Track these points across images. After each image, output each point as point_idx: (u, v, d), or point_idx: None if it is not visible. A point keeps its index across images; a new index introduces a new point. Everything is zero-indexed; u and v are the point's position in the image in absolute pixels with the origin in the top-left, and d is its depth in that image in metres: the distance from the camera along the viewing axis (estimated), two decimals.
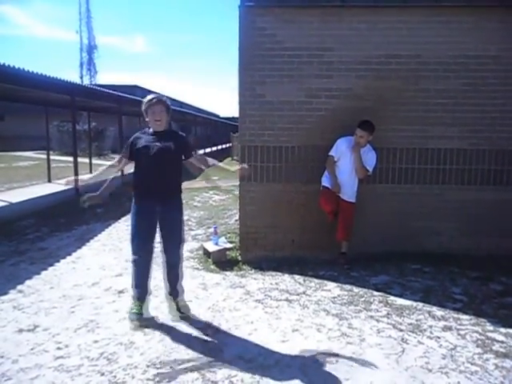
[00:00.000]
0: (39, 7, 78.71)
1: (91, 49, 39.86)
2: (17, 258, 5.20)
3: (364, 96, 4.89)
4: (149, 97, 3.38)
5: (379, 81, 4.89)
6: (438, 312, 3.70)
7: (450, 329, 3.40)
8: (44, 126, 13.34)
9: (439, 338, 3.26)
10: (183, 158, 3.49)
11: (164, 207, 3.40)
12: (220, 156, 26.23)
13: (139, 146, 3.36)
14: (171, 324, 3.47)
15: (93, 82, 36.98)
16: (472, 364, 2.90)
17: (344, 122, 4.78)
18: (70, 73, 77.97)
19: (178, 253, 3.56)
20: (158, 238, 3.54)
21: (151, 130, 3.43)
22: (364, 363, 2.91)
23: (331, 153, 4.71)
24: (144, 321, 3.45)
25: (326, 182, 4.76)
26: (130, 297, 3.64)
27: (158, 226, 3.48)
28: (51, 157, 13.69)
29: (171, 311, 3.61)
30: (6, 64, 6.90)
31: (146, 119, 3.40)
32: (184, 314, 3.54)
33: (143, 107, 3.38)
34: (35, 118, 17.75)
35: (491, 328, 3.41)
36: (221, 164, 3.78)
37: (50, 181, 12.57)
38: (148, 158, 3.31)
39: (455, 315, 3.64)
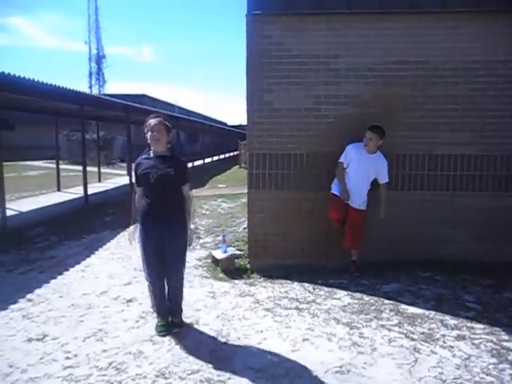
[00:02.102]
0: (48, 18, 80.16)
1: (100, 59, 40.25)
2: (26, 267, 5.22)
3: (372, 102, 4.87)
4: (150, 119, 3.42)
5: (387, 87, 4.86)
6: (451, 321, 3.63)
7: (463, 338, 3.33)
8: (53, 136, 13.48)
9: (452, 347, 3.20)
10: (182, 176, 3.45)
11: (168, 230, 3.38)
12: (228, 164, 26.32)
13: (141, 172, 3.38)
14: (180, 333, 3.44)
15: (101, 92, 37.34)
16: (487, 374, 2.84)
17: (352, 128, 4.76)
18: (79, 83, 78.94)
19: (177, 277, 3.54)
20: None
21: (152, 153, 3.43)
22: (376, 373, 2.86)
23: (341, 159, 4.68)
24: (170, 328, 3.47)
25: (335, 189, 4.72)
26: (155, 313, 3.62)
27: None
28: (60, 166, 13.81)
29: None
30: (17, 75, 6.99)
31: (148, 141, 3.42)
32: (174, 330, 3.46)
33: (144, 129, 3.42)
34: (45, 127, 17.93)
35: (506, 337, 3.33)
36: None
37: (59, 190, 12.67)
38: (149, 184, 3.33)
39: (468, 324, 3.57)
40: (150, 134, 3.36)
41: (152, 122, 3.37)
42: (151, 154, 3.44)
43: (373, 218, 4.77)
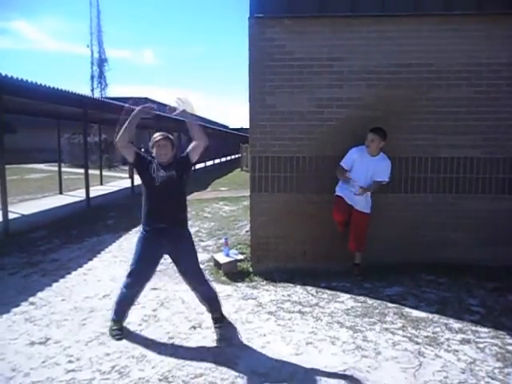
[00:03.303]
0: (50, 22, 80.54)
1: (102, 62, 40.45)
2: (29, 270, 5.21)
3: (375, 105, 4.86)
4: (155, 135, 3.49)
5: (390, 90, 4.86)
6: (455, 324, 3.61)
7: (468, 342, 3.31)
8: (55, 139, 13.50)
9: (457, 351, 3.18)
10: (184, 176, 3.47)
11: (171, 239, 3.39)
12: (229, 166, 26.34)
13: (145, 173, 3.40)
14: (183, 337, 3.43)
15: (103, 95, 37.46)
16: (493, 379, 2.82)
17: (355, 131, 4.75)
18: (80, 86, 78.91)
19: (209, 286, 3.57)
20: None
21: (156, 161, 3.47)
22: (380, 377, 2.84)
23: (342, 163, 4.66)
24: (125, 332, 3.48)
25: (339, 191, 4.71)
26: (110, 318, 3.59)
27: (163, 258, 3.54)
28: (62, 169, 13.82)
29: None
30: (20, 78, 7.01)
31: (153, 154, 3.46)
32: (216, 325, 3.53)
33: (150, 144, 3.48)
34: (47, 130, 17.97)
35: (511, 341, 3.30)
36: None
37: (61, 193, 12.68)
38: (153, 189, 3.36)
39: (473, 328, 3.55)
40: (156, 149, 3.42)
41: (158, 137, 3.44)
42: (155, 161, 3.45)
43: (376, 220, 4.76)
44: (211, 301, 3.57)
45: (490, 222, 4.96)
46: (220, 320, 3.57)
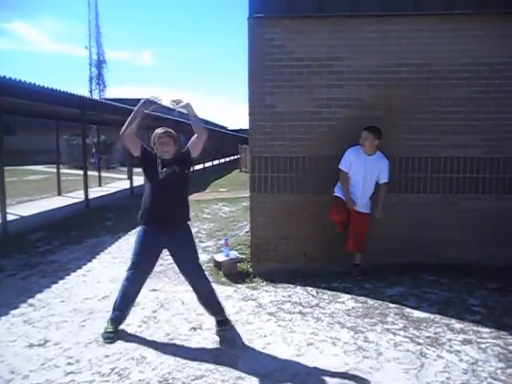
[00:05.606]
0: (49, 24, 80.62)
1: (100, 64, 40.27)
2: (27, 272, 5.18)
3: (375, 105, 4.85)
4: (158, 130, 3.43)
5: (390, 90, 4.84)
6: (457, 325, 3.59)
7: (470, 342, 3.29)
8: (54, 140, 13.48)
9: (459, 351, 3.16)
10: (187, 171, 3.49)
11: (172, 234, 3.39)
12: (228, 167, 26.32)
13: (149, 168, 3.39)
14: (183, 338, 3.41)
15: (102, 96, 37.39)
16: (495, 379, 2.79)
17: (355, 131, 4.71)
18: (79, 87, 78.68)
19: (208, 281, 3.57)
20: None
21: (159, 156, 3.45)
22: (382, 378, 2.82)
23: (342, 167, 4.64)
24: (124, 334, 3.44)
25: (338, 191, 4.70)
26: (108, 318, 3.53)
27: (163, 259, 3.64)
28: (61, 170, 13.79)
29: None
30: (18, 79, 6.99)
31: (154, 150, 3.44)
32: (221, 328, 3.45)
33: (152, 140, 3.44)
34: (46, 132, 17.91)
35: None
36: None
37: (59, 194, 12.65)
38: (156, 184, 3.35)
39: (475, 328, 3.53)
40: (158, 145, 3.39)
41: (159, 134, 3.39)
42: (159, 156, 3.43)
43: (376, 221, 4.74)
44: (211, 300, 3.52)
45: (491, 222, 4.94)
46: (225, 323, 3.49)
